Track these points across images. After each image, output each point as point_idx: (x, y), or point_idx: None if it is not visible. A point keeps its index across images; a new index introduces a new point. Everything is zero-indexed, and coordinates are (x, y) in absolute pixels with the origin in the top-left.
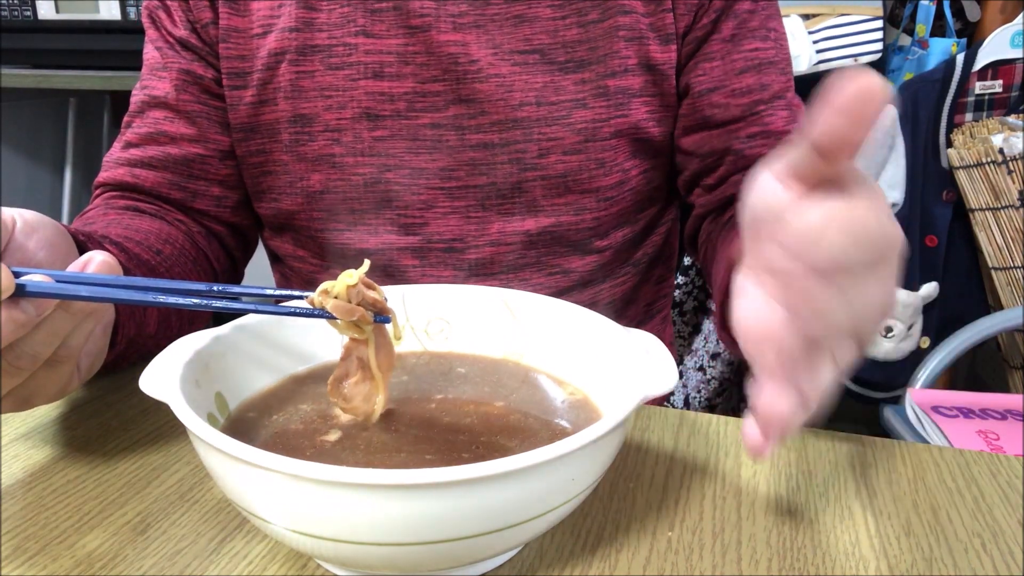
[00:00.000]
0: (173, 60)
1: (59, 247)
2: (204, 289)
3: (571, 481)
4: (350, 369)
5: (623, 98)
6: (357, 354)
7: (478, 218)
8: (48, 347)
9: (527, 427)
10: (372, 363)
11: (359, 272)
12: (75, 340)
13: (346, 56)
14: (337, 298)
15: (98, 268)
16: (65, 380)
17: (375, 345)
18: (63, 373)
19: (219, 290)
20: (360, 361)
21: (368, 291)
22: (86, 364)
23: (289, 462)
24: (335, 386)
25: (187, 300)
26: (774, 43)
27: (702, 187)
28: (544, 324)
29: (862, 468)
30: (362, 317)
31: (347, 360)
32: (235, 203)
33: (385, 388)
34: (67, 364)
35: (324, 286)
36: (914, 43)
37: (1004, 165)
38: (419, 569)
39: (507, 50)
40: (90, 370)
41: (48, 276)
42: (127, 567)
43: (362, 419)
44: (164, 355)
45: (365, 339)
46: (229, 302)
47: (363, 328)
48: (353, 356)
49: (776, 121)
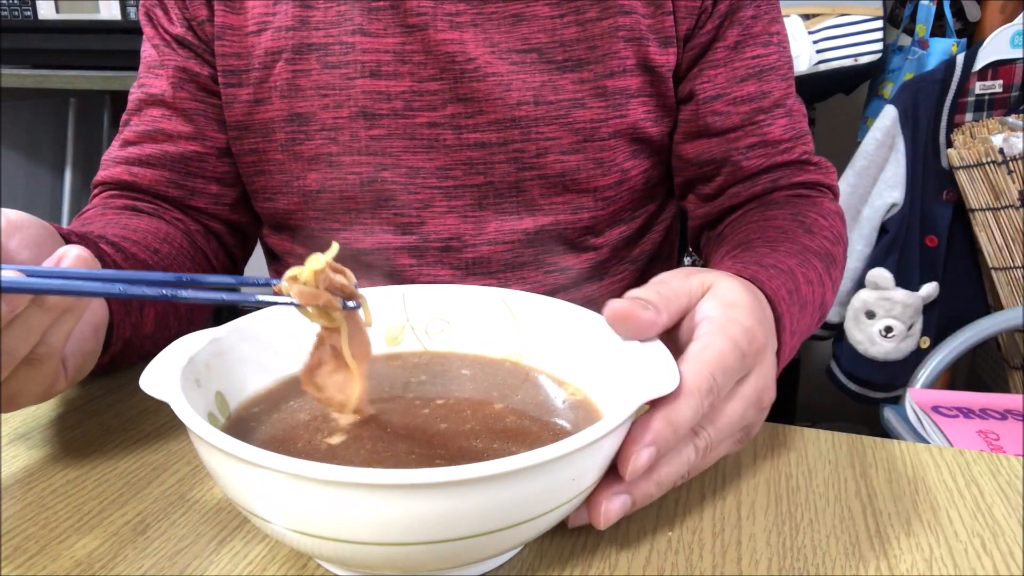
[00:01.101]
0: (170, 58)
1: (45, 246)
2: (172, 280)
3: (571, 481)
4: (323, 358)
5: (621, 98)
6: (330, 343)
7: (475, 217)
8: (25, 344)
9: (527, 427)
10: (345, 352)
11: (326, 256)
12: (54, 338)
13: (343, 55)
14: (305, 284)
15: (73, 262)
16: (49, 379)
17: (348, 334)
18: (46, 372)
19: (187, 280)
20: (333, 350)
21: (335, 276)
22: (74, 364)
23: (289, 461)
24: (308, 376)
25: (155, 291)
26: (776, 47)
27: (699, 195)
28: (545, 324)
29: (862, 468)
30: (328, 303)
31: (320, 349)
32: (233, 201)
33: (361, 378)
34: (49, 363)
35: (291, 272)
36: (914, 43)
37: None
38: (419, 569)
39: (505, 49)
40: (79, 370)
41: (19, 271)
42: (127, 567)
43: (338, 410)
44: (165, 354)
45: (337, 327)
46: (196, 291)
47: (333, 316)
48: (326, 345)
49: (774, 130)
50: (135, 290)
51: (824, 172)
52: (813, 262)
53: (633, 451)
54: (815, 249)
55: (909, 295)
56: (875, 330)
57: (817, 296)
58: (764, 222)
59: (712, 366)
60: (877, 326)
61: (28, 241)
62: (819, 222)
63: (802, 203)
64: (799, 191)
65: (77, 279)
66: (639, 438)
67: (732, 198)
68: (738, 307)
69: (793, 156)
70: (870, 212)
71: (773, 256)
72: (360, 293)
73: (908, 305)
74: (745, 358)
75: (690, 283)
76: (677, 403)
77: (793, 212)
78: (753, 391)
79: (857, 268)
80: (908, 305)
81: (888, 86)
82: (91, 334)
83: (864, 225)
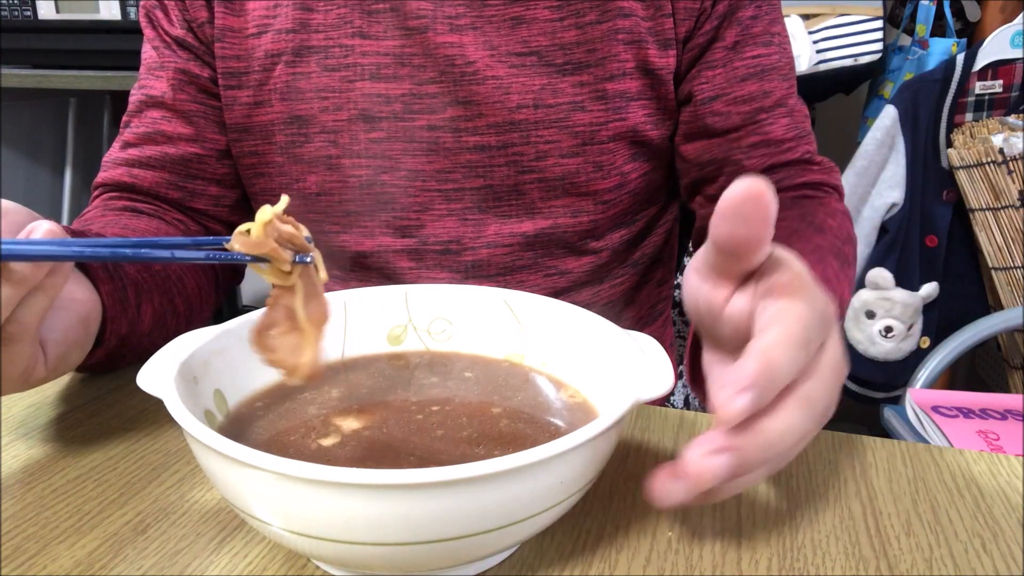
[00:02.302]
0: (170, 59)
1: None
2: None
3: (564, 482)
4: (276, 318)
5: (621, 101)
6: (283, 303)
7: (475, 220)
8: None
9: (526, 428)
10: (299, 313)
11: (275, 208)
12: (25, 316)
13: (343, 57)
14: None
15: (44, 235)
16: (24, 362)
17: (303, 295)
18: (21, 354)
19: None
20: (287, 311)
21: (283, 226)
22: (56, 352)
23: (284, 462)
24: (259, 335)
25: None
26: (777, 48)
27: (705, 196)
28: (546, 325)
29: (862, 468)
30: (274, 251)
31: (273, 309)
32: (233, 202)
33: (316, 342)
34: (22, 342)
35: (242, 227)
36: (914, 43)
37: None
38: (417, 569)
39: (504, 52)
40: (62, 359)
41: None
42: (127, 567)
43: (289, 373)
44: (164, 351)
45: (291, 287)
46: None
47: (287, 274)
48: (280, 304)
49: (776, 130)
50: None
51: (828, 172)
52: (829, 260)
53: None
54: (828, 247)
55: (909, 295)
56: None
57: (836, 294)
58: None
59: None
60: (877, 326)
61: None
62: (828, 222)
63: (809, 204)
64: (804, 192)
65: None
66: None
67: None
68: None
69: (796, 155)
70: (870, 212)
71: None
72: (313, 247)
73: (908, 305)
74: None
75: None
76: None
77: (801, 213)
78: (839, 360)
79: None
80: (908, 305)
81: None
82: (78, 324)
83: (864, 225)
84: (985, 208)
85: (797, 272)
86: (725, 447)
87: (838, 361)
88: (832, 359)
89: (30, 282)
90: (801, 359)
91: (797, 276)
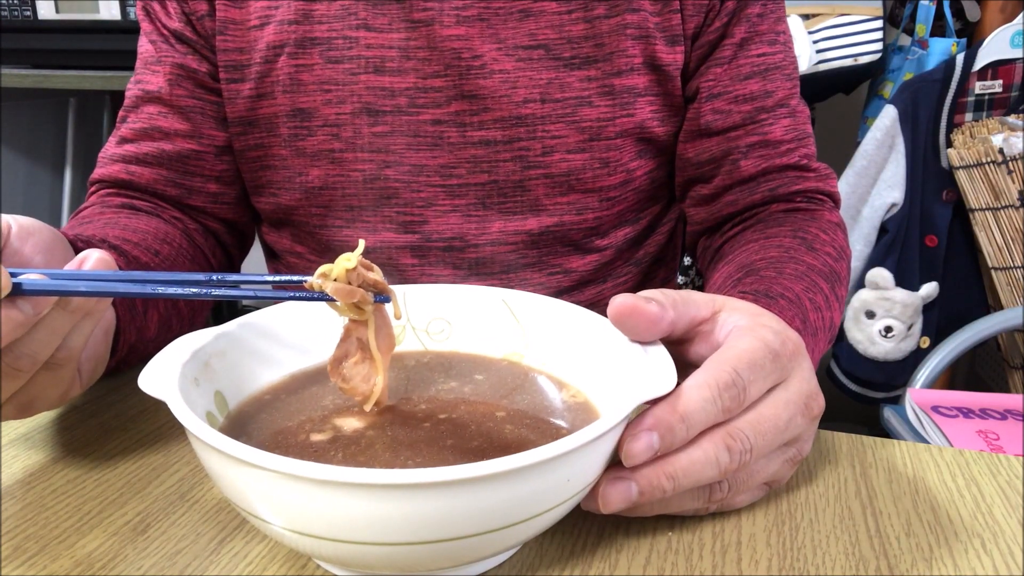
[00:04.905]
0: (167, 54)
1: (56, 252)
2: (203, 279)
3: (567, 482)
4: (350, 350)
5: (629, 97)
6: (357, 335)
7: (479, 216)
8: (47, 347)
9: (526, 428)
10: (372, 344)
11: (356, 254)
12: (74, 341)
13: (346, 50)
14: (336, 280)
15: (95, 265)
16: (66, 384)
17: (375, 326)
18: (64, 377)
19: (218, 279)
20: (360, 342)
21: (368, 272)
22: (87, 369)
23: (286, 462)
24: (335, 366)
25: (186, 290)
26: (782, 47)
27: (696, 197)
28: (545, 325)
29: (862, 468)
30: (363, 298)
31: (347, 341)
32: (231, 200)
33: (385, 370)
34: (67, 367)
35: (322, 269)
36: (914, 43)
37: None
38: (418, 569)
39: (511, 45)
40: (92, 375)
41: (44, 275)
42: (127, 567)
43: (362, 400)
44: (164, 353)
45: (365, 320)
46: (228, 290)
47: (363, 309)
48: (353, 337)
49: (776, 130)
50: (168, 290)
51: (824, 179)
52: (819, 284)
53: (630, 434)
54: (819, 268)
55: (909, 295)
56: (875, 330)
57: (826, 321)
58: (765, 240)
59: (734, 362)
60: (877, 326)
61: (40, 247)
62: (820, 237)
63: (802, 218)
64: (798, 203)
65: (102, 281)
66: (639, 423)
67: (730, 205)
68: (764, 315)
69: (793, 160)
70: (870, 212)
71: (780, 283)
72: (390, 288)
73: (908, 305)
74: (779, 358)
75: (699, 296)
76: (685, 392)
77: (793, 229)
78: (798, 396)
79: (857, 268)
80: (908, 305)
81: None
82: (102, 338)
83: (864, 225)
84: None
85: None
86: (626, 476)
87: (803, 393)
88: (796, 393)
89: (84, 311)
90: (725, 401)
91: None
